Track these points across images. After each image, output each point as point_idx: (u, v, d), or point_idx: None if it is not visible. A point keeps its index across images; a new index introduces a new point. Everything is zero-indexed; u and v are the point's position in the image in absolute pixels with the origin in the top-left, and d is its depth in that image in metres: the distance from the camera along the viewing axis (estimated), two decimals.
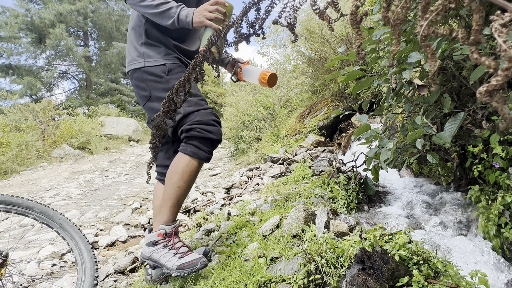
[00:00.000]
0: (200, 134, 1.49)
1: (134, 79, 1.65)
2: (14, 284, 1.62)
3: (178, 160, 1.52)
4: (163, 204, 1.53)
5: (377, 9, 1.87)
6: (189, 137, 1.51)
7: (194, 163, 1.50)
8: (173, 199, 1.51)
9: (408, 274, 1.16)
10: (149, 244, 1.54)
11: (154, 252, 1.51)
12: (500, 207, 1.55)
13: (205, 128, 1.50)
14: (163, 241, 1.51)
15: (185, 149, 1.51)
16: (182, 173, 1.49)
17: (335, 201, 2.12)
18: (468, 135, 1.83)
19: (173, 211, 1.53)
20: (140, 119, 17.79)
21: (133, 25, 1.67)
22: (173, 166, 1.53)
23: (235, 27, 0.75)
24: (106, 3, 19.85)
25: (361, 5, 0.60)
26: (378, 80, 2.13)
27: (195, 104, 1.53)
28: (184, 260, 1.42)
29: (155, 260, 1.51)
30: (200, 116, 1.50)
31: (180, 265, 1.41)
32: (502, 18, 0.40)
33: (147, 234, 1.60)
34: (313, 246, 1.32)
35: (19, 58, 18.74)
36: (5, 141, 7.99)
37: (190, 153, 1.50)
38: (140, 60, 1.61)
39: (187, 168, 1.49)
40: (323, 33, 5.80)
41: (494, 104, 0.41)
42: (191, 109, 1.51)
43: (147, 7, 1.47)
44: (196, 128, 1.49)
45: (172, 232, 1.52)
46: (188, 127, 1.50)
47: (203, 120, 1.50)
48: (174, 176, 1.50)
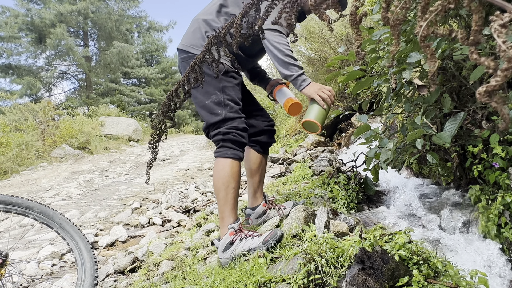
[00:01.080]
0: (236, 138, 1.66)
1: (186, 63, 1.74)
2: (14, 284, 1.62)
3: (223, 166, 1.65)
4: (224, 209, 1.65)
5: (376, 9, 1.87)
6: (225, 140, 1.66)
7: (236, 163, 1.67)
8: (231, 201, 1.65)
9: (408, 274, 1.16)
10: (226, 247, 1.61)
11: (235, 250, 1.59)
12: (500, 207, 1.55)
13: (240, 133, 1.68)
14: (237, 237, 1.61)
15: (225, 153, 1.66)
16: (232, 175, 1.64)
17: (335, 201, 2.12)
18: (468, 135, 1.83)
19: (235, 211, 1.67)
20: (140, 119, 17.80)
21: (210, 19, 1.74)
22: (220, 172, 1.65)
23: (235, 27, 0.75)
24: (106, 3, 19.84)
25: (360, 5, 0.60)
26: (378, 80, 2.13)
27: (235, 111, 1.70)
28: (264, 235, 1.57)
29: (240, 254, 1.58)
30: (237, 123, 1.69)
31: (264, 239, 1.55)
32: (501, 18, 0.40)
33: (218, 242, 1.66)
34: (313, 246, 1.32)
35: (19, 58, 18.74)
36: (5, 141, 7.98)
37: (232, 155, 1.65)
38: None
39: (233, 169, 1.65)
40: (323, 33, 5.80)
41: (494, 104, 0.41)
42: (231, 115, 1.68)
43: (278, 50, 1.62)
44: (233, 132, 1.66)
45: (240, 227, 1.65)
46: (225, 130, 1.66)
47: (239, 127, 1.68)
48: (226, 181, 1.64)
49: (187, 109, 24.05)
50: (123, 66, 21.17)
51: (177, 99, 1.18)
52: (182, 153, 9.82)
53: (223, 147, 1.67)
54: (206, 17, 1.76)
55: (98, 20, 19.26)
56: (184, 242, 2.28)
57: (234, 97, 1.71)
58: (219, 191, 1.65)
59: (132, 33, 22.72)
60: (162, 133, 1.50)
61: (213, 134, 1.69)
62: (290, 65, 1.63)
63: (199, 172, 6.40)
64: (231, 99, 1.70)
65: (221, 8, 1.75)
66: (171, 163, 8.12)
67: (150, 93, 22.92)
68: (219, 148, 1.68)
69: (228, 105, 1.68)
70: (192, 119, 24.08)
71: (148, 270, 2.03)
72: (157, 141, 1.52)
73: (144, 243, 2.63)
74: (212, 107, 1.68)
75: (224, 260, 1.60)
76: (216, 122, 1.68)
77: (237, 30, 0.75)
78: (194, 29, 1.78)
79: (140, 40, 23.93)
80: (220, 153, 1.67)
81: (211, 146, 10.58)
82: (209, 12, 1.77)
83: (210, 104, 1.69)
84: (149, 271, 2.02)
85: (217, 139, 1.68)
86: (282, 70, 1.64)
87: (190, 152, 10.06)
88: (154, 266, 2.08)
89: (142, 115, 21.50)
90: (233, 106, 1.70)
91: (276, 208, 1.99)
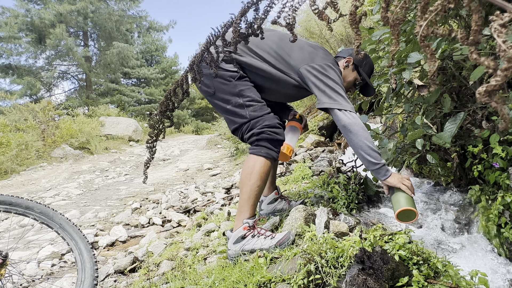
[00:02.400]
0: (270, 136, 1.64)
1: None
2: (14, 284, 1.62)
3: (253, 162, 1.64)
4: (244, 204, 1.64)
5: (376, 9, 1.87)
6: (260, 140, 1.65)
7: (268, 163, 1.65)
8: (254, 198, 1.64)
9: (408, 274, 1.15)
10: (238, 240, 1.61)
11: (245, 245, 1.59)
12: (500, 207, 1.55)
13: (273, 130, 1.65)
14: (250, 233, 1.61)
15: (259, 151, 1.65)
16: (260, 173, 1.63)
17: (335, 201, 2.12)
18: (468, 135, 1.83)
19: (254, 208, 1.66)
20: (140, 119, 17.80)
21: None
22: (249, 167, 1.65)
23: (234, 27, 0.75)
24: (106, 3, 19.82)
25: (360, 5, 0.60)
26: (378, 80, 2.13)
27: (259, 109, 1.68)
28: (278, 237, 1.55)
29: (249, 250, 1.58)
30: (268, 120, 1.66)
31: (277, 242, 1.54)
32: (501, 18, 0.40)
33: (230, 233, 1.67)
34: (313, 246, 1.32)
35: (19, 58, 18.71)
36: (5, 141, 7.98)
37: (265, 154, 1.64)
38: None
39: (263, 168, 1.64)
40: (322, 33, 5.80)
41: (494, 104, 0.41)
42: (257, 114, 1.66)
43: (361, 137, 1.58)
44: (266, 131, 1.64)
45: (254, 224, 1.65)
46: (258, 130, 1.64)
47: (271, 124, 1.66)
48: (253, 178, 1.63)
49: (187, 109, 24.05)
50: (123, 66, 21.16)
51: (175, 99, 1.18)
52: (182, 153, 9.82)
53: (258, 146, 1.67)
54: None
55: (98, 20, 19.24)
56: (184, 242, 2.28)
57: (253, 96, 1.69)
58: (243, 186, 1.65)
59: (132, 33, 22.71)
60: (160, 132, 1.51)
61: (247, 137, 1.69)
62: (374, 152, 1.58)
63: (199, 172, 6.40)
64: (251, 100, 1.69)
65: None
66: (171, 163, 8.12)
67: (150, 93, 22.93)
68: (254, 146, 1.68)
69: (250, 105, 1.67)
70: (192, 119, 24.08)
71: (148, 270, 2.03)
72: (155, 140, 1.52)
73: (144, 243, 2.63)
74: (234, 110, 1.68)
75: (233, 252, 1.61)
76: (243, 124, 1.68)
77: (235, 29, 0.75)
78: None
79: (140, 40, 23.92)
80: (254, 150, 1.66)
81: (211, 146, 10.58)
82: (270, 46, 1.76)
83: (232, 109, 1.69)
84: (149, 271, 2.02)
85: (252, 140, 1.68)
86: (367, 157, 1.58)
87: (190, 152, 10.06)
88: (154, 266, 2.08)
89: (142, 115, 21.48)
90: (255, 104, 1.68)
91: (287, 200, 2.05)
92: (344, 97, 1.62)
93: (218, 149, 9.76)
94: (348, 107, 1.60)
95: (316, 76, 1.63)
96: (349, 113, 1.59)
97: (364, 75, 1.84)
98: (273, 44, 1.71)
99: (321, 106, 1.62)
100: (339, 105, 1.59)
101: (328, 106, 1.60)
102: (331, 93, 1.61)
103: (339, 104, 1.59)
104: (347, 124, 1.58)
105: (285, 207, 2.04)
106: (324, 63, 1.66)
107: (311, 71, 1.64)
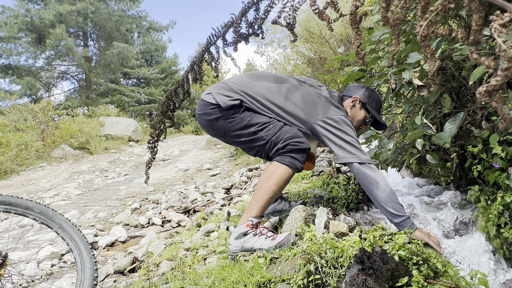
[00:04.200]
0: (296, 146, 1.65)
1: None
2: (13, 284, 1.62)
3: (275, 168, 1.65)
4: (254, 203, 1.65)
5: (376, 9, 1.87)
6: (286, 152, 1.66)
7: (290, 172, 1.65)
8: (265, 200, 1.64)
9: (408, 274, 1.15)
10: (239, 236, 1.61)
11: (245, 242, 1.59)
12: (500, 207, 1.55)
13: (298, 140, 1.66)
14: (252, 231, 1.60)
15: (283, 160, 1.65)
16: (278, 180, 1.63)
17: (335, 201, 2.12)
18: (467, 135, 1.83)
19: (263, 210, 1.66)
20: (139, 120, 17.79)
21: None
22: (269, 171, 1.65)
23: (234, 27, 0.75)
24: (106, 4, 19.82)
25: (360, 5, 0.60)
26: (378, 80, 2.13)
27: (273, 127, 1.70)
28: (279, 239, 1.54)
29: (248, 249, 1.58)
30: (288, 132, 1.67)
31: (277, 244, 1.52)
32: (501, 18, 0.40)
33: (233, 229, 1.67)
34: (313, 246, 1.32)
35: (18, 58, 18.70)
36: (5, 141, 7.98)
37: (288, 163, 1.64)
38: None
39: (284, 176, 1.64)
40: (322, 34, 5.80)
41: (494, 104, 0.41)
42: (273, 131, 1.68)
43: (388, 193, 1.54)
44: (291, 142, 1.65)
45: (258, 223, 1.64)
46: (283, 144, 1.66)
47: (292, 135, 1.66)
48: (270, 181, 1.63)
49: (186, 109, 24.04)
50: (123, 66, 21.15)
51: (176, 99, 1.18)
52: (182, 153, 9.82)
53: (283, 155, 1.68)
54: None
55: (98, 20, 19.23)
56: (184, 243, 2.28)
57: (262, 121, 1.72)
58: (259, 187, 1.66)
59: (132, 33, 22.71)
60: (161, 132, 1.50)
61: (273, 153, 1.70)
62: (399, 205, 1.55)
63: (198, 173, 6.40)
64: (261, 124, 1.71)
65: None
66: (170, 163, 8.12)
67: (150, 93, 22.93)
68: (279, 156, 1.69)
69: (263, 128, 1.70)
70: (192, 119, 24.07)
71: (148, 271, 2.03)
72: (156, 141, 1.52)
73: (143, 243, 2.63)
74: (250, 139, 1.72)
75: (233, 247, 1.61)
76: (264, 145, 1.71)
77: (236, 29, 0.75)
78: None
79: (140, 40, 23.93)
80: (279, 158, 1.67)
81: (211, 146, 10.58)
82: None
83: (248, 139, 1.72)
84: (148, 271, 2.02)
85: (278, 154, 1.69)
86: (391, 211, 1.54)
87: (190, 152, 10.06)
88: (154, 266, 2.08)
89: (142, 115, 21.49)
90: (268, 125, 1.70)
91: (287, 201, 2.05)
92: (361, 150, 1.63)
93: (218, 149, 9.76)
94: (366, 160, 1.60)
95: (331, 132, 1.65)
96: (367, 166, 1.59)
97: (373, 112, 1.83)
98: (279, 97, 1.74)
99: (340, 161, 1.63)
100: (358, 159, 1.59)
101: (347, 161, 1.61)
102: (348, 147, 1.61)
103: (358, 158, 1.59)
104: (368, 178, 1.57)
105: (285, 207, 2.04)
106: (337, 117, 1.67)
107: (326, 127, 1.66)
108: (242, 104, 1.73)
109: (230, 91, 1.74)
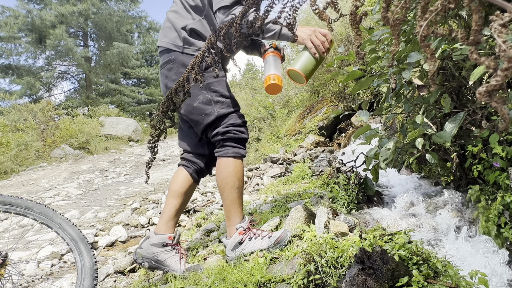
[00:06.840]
0: (236, 135, 1.62)
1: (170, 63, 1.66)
2: (13, 284, 1.62)
3: (225, 165, 1.61)
4: (230, 210, 1.62)
5: (376, 9, 1.88)
6: (226, 139, 1.62)
7: (239, 162, 1.64)
8: (237, 200, 1.62)
9: (408, 274, 1.15)
10: (235, 247, 1.60)
11: (244, 250, 1.58)
12: (500, 207, 1.55)
13: (239, 129, 1.63)
14: (246, 236, 1.59)
15: (227, 153, 1.62)
16: (235, 174, 1.61)
17: (335, 201, 2.12)
18: (467, 135, 1.83)
19: (241, 210, 1.65)
20: (139, 120, 17.79)
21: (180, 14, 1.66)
22: (223, 172, 1.62)
23: (235, 27, 0.75)
24: (107, 4, 19.83)
25: (360, 5, 0.60)
26: (378, 80, 2.13)
27: (227, 106, 1.63)
28: (275, 237, 1.53)
29: (249, 253, 1.57)
30: (233, 119, 1.63)
31: (275, 242, 1.52)
32: (501, 18, 0.40)
33: (227, 241, 1.65)
34: (313, 246, 1.32)
35: (18, 58, 18.75)
36: (5, 141, 7.98)
37: (233, 154, 1.61)
38: (179, 44, 1.64)
39: (236, 168, 1.62)
40: None
41: (494, 104, 0.41)
42: (224, 111, 1.61)
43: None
44: (232, 130, 1.61)
45: (248, 226, 1.63)
46: (224, 129, 1.61)
47: (236, 123, 1.63)
48: (230, 181, 1.60)
49: None
50: (123, 67, 21.15)
51: (176, 99, 1.18)
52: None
53: (223, 147, 1.63)
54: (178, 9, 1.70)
55: (98, 20, 19.24)
56: (184, 243, 2.28)
57: (222, 91, 1.63)
58: (223, 191, 1.62)
59: (132, 33, 22.73)
60: (161, 132, 1.50)
61: (212, 135, 1.64)
62: (271, 28, 1.45)
63: None
64: (220, 95, 1.62)
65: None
66: (171, 163, 8.12)
67: (150, 93, 22.92)
68: (220, 147, 1.64)
69: (218, 101, 1.61)
70: None
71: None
72: (156, 141, 1.52)
73: None
74: (202, 108, 1.60)
75: (232, 258, 1.61)
76: (211, 123, 1.61)
77: (236, 29, 0.75)
78: (167, 26, 1.72)
79: (140, 41, 23.94)
80: (221, 152, 1.63)
81: None
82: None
83: (199, 105, 1.60)
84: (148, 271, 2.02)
85: (216, 139, 1.64)
86: (266, 34, 1.47)
87: None
88: None
89: (142, 115, 21.47)
90: (224, 100, 1.62)
91: (180, 253, 1.70)
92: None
93: None
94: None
95: None
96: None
97: None
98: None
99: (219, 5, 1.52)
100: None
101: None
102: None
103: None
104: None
105: (169, 263, 1.66)
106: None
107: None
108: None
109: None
